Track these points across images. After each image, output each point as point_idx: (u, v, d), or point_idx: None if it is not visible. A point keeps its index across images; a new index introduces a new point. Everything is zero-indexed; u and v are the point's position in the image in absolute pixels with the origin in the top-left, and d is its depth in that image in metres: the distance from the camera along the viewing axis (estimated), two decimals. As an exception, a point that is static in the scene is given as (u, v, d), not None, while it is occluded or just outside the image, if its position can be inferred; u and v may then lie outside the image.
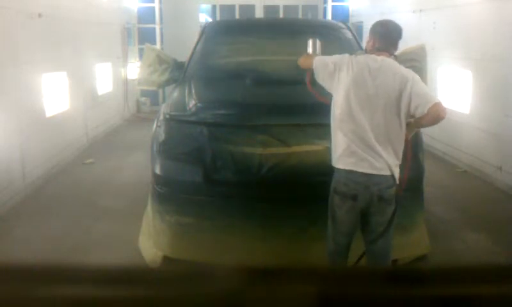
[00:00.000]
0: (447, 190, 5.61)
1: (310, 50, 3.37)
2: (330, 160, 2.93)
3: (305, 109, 3.65)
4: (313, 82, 3.14)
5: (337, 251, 2.93)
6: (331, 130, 2.90)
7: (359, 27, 10.57)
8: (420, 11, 7.74)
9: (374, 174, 2.74)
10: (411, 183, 3.59)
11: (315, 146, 3.42)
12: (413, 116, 2.79)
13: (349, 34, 4.98)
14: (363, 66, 2.82)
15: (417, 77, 2.82)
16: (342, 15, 12.02)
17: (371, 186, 2.75)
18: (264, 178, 3.35)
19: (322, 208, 3.22)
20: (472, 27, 6.19)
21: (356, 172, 2.74)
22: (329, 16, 12.10)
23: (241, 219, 3.39)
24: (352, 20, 11.57)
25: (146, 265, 3.47)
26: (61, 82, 6.62)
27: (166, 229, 3.55)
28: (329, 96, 3.02)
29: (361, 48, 4.81)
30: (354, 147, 2.75)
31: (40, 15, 5.76)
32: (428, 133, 6.31)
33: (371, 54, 2.92)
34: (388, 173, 2.76)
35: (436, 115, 2.71)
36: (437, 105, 2.69)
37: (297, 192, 3.37)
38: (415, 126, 2.90)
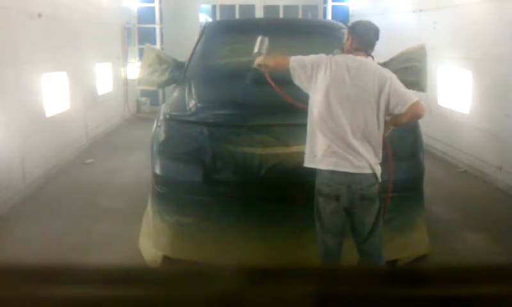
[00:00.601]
0: (447, 190, 5.61)
1: (256, 49, 3.37)
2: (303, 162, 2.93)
3: (305, 108, 3.65)
4: (276, 81, 3.17)
5: (328, 252, 2.93)
6: (308, 131, 2.91)
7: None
8: (420, 11, 7.74)
9: (355, 173, 2.76)
10: (411, 183, 3.60)
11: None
12: (390, 114, 2.82)
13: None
14: (342, 65, 2.84)
15: (395, 76, 2.85)
16: (342, 15, 12.02)
17: (353, 185, 2.77)
18: (263, 178, 3.35)
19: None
20: (472, 27, 6.19)
21: (338, 172, 2.76)
22: (329, 16, 12.09)
23: (241, 219, 3.39)
24: (352, 20, 11.56)
25: (146, 265, 3.48)
26: (61, 82, 6.62)
27: (166, 229, 3.55)
28: (298, 97, 3.05)
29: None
30: (334, 147, 2.76)
31: (39, 15, 5.76)
32: (428, 134, 6.31)
33: (349, 53, 2.94)
34: (369, 171, 2.78)
35: (415, 113, 2.78)
36: (416, 104, 2.74)
37: (297, 192, 3.37)
38: (393, 124, 2.92)
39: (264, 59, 3.26)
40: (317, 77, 2.86)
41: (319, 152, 2.82)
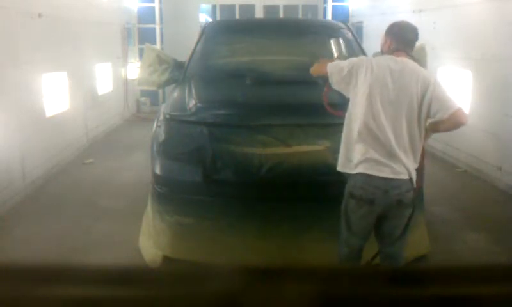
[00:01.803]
0: (447, 190, 5.61)
1: (335, 53, 3.25)
2: (336, 165, 2.85)
3: (305, 108, 3.65)
4: (332, 104, 3.09)
5: (351, 255, 2.86)
6: (345, 135, 2.81)
7: (359, 27, 10.57)
8: (420, 11, 7.74)
9: (393, 179, 2.67)
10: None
11: (315, 146, 3.42)
12: (430, 120, 2.74)
13: (349, 34, 4.98)
14: (384, 67, 2.73)
15: (438, 80, 2.76)
16: (342, 15, 12.02)
17: (390, 190, 2.67)
18: (264, 178, 3.35)
19: (322, 208, 3.22)
20: (472, 27, 6.19)
21: (375, 176, 2.67)
22: (329, 16, 12.09)
23: (241, 219, 3.39)
24: (352, 20, 11.56)
25: (146, 265, 3.47)
26: (61, 82, 6.62)
27: (166, 229, 3.55)
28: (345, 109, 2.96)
29: (361, 48, 4.81)
30: (374, 153, 2.67)
31: (39, 15, 5.76)
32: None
33: (388, 55, 2.84)
34: (407, 177, 2.70)
35: (457, 121, 2.66)
36: (459, 111, 2.64)
37: (297, 192, 3.37)
38: (433, 130, 2.83)
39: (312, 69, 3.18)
40: (357, 80, 2.75)
41: (356, 158, 2.72)
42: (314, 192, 3.34)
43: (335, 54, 3.25)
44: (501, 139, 5.63)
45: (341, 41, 3.27)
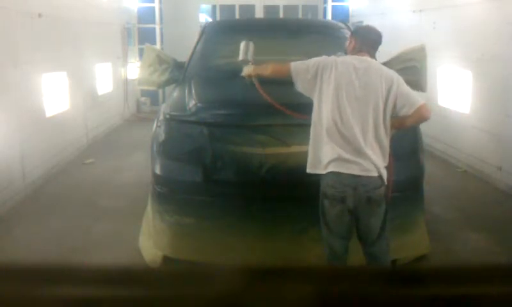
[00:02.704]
0: (447, 190, 5.61)
1: (241, 56, 3.31)
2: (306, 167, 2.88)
3: (305, 108, 3.65)
4: (285, 104, 3.14)
5: (334, 255, 2.89)
6: (313, 136, 2.85)
7: (359, 27, 10.54)
8: (420, 11, 7.74)
9: (361, 176, 2.72)
10: (411, 183, 3.60)
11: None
12: (394, 116, 2.79)
13: (349, 34, 4.98)
14: (349, 65, 2.79)
15: (400, 77, 2.82)
16: (342, 15, 12.02)
17: (359, 187, 2.73)
18: (264, 178, 3.35)
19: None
20: (472, 27, 6.19)
21: (344, 174, 2.72)
22: (329, 16, 12.10)
23: (241, 219, 3.39)
24: (352, 20, 11.56)
25: (146, 265, 3.47)
26: (61, 82, 6.62)
27: (166, 229, 3.55)
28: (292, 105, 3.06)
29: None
30: (342, 152, 2.71)
31: (39, 15, 5.76)
32: (428, 134, 6.30)
33: (352, 55, 2.90)
34: (375, 174, 2.74)
35: (421, 116, 2.75)
36: (423, 106, 2.72)
37: (297, 192, 3.37)
38: (397, 126, 2.88)
39: (258, 69, 3.21)
40: (322, 79, 2.80)
41: (325, 158, 2.76)
42: (314, 191, 3.34)
43: (241, 57, 3.34)
44: (501, 139, 5.63)
45: (250, 45, 3.32)
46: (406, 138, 3.57)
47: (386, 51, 4.20)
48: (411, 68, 4.15)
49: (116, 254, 3.87)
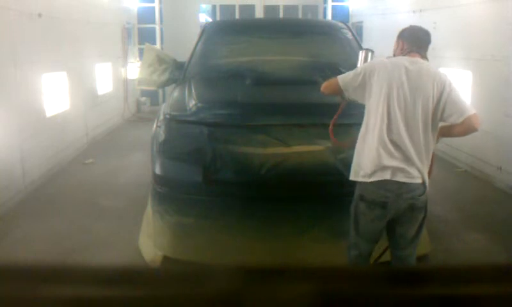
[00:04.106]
0: (447, 190, 5.60)
1: (359, 64, 3.12)
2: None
3: (305, 108, 3.65)
4: (336, 132, 3.05)
5: (359, 258, 2.79)
6: (362, 144, 2.71)
7: (359, 27, 10.57)
8: (420, 11, 7.74)
9: (407, 183, 2.61)
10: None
11: (315, 146, 3.41)
12: (442, 122, 2.67)
13: (349, 34, 4.98)
14: (399, 65, 2.65)
15: (453, 83, 2.68)
16: (342, 15, 12.02)
17: (403, 194, 2.61)
18: (264, 178, 3.34)
19: (322, 208, 3.21)
20: (472, 27, 6.19)
21: (389, 180, 2.61)
22: (329, 16, 12.10)
23: (241, 219, 3.39)
24: (352, 20, 11.57)
25: (146, 265, 3.48)
26: (61, 82, 6.62)
27: (166, 229, 3.55)
28: (348, 140, 2.95)
29: (361, 48, 4.81)
30: (390, 159, 2.60)
31: (39, 15, 5.76)
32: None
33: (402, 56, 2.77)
34: (420, 181, 2.64)
35: (470, 126, 2.59)
36: (473, 116, 2.58)
37: (297, 192, 3.37)
38: (444, 134, 2.77)
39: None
40: (371, 82, 2.67)
41: (371, 164, 2.63)
42: (314, 192, 3.34)
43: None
44: (501, 139, 5.62)
45: (369, 54, 3.14)
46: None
47: (386, 51, 4.20)
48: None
49: (116, 254, 3.87)
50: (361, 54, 3.18)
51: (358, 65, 3.11)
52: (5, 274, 0.57)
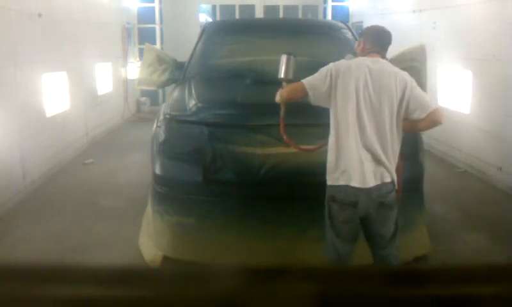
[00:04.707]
0: (447, 190, 5.61)
1: (282, 74, 3.09)
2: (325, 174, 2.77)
3: (305, 108, 3.65)
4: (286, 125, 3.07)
5: (339, 259, 2.81)
6: (332, 146, 2.73)
7: (359, 27, 10.56)
8: (420, 11, 7.74)
9: (377, 183, 2.66)
10: (411, 183, 3.60)
11: (315, 146, 3.41)
12: (406, 119, 2.72)
13: (349, 34, 4.98)
14: (363, 66, 2.69)
15: (413, 80, 2.74)
16: (342, 15, 12.02)
17: (372, 193, 2.66)
18: (263, 178, 3.35)
19: (322, 208, 3.20)
20: (472, 27, 6.19)
21: (359, 184, 2.65)
22: (329, 16, 12.10)
23: (241, 219, 3.39)
24: (352, 20, 11.57)
25: (146, 265, 3.48)
26: (61, 82, 6.62)
27: (166, 229, 3.55)
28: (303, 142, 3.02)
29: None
30: (362, 162, 2.63)
31: (39, 15, 5.76)
32: (428, 133, 6.30)
33: (362, 56, 2.81)
34: (389, 179, 2.68)
35: (434, 120, 2.67)
36: (436, 111, 2.65)
37: (297, 192, 3.37)
38: (408, 129, 2.81)
39: (278, 96, 3.04)
40: (337, 84, 2.68)
41: (342, 167, 2.66)
42: (314, 192, 3.34)
43: (281, 74, 3.12)
44: (501, 139, 5.63)
45: (291, 60, 3.13)
46: (406, 138, 3.56)
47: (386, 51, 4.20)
48: (411, 68, 4.14)
49: (116, 254, 3.87)
50: (283, 58, 3.14)
51: (280, 69, 3.11)
52: (5, 274, 0.57)
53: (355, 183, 2.65)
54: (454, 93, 6.77)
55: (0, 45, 4.93)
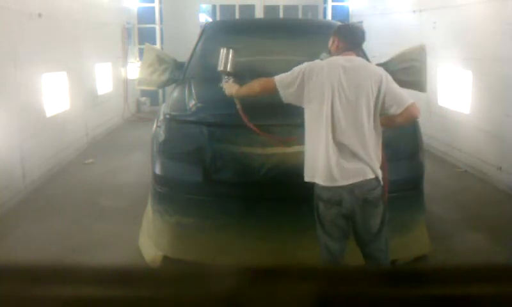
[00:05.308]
0: (447, 190, 5.61)
1: (221, 66, 3.17)
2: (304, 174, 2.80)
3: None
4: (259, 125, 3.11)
5: (331, 257, 2.83)
6: (308, 145, 2.77)
7: (359, 27, 10.55)
8: (420, 11, 7.74)
9: (359, 180, 2.68)
10: (411, 183, 3.60)
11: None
12: (382, 114, 2.74)
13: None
14: (336, 65, 2.71)
15: (389, 75, 2.76)
16: (342, 15, 12.02)
17: (355, 190, 2.68)
18: (264, 178, 3.35)
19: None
20: (472, 27, 6.19)
21: (341, 183, 2.68)
22: (329, 16, 12.10)
23: (241, 219, 3.39)
24: (352, 20, 11.56)
25: (146, 265, 3.48)
26: (61, 82, 6.62)
27: (166, 229, 3.55)
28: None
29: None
30: (337, 159, 2.66)
31: (39, 15, 5.76)
32: (428, 134, 6.30)
33: (336, 55, 2.83)
34: (371, 176, 2.69)
35: (411, 115, 2.70)
36: (412, 106, 2.66)
37: (297, 192, 3.36)
38: (386, 124, 2.82)
39: (243, 89, 3.11)
40: (309, 85, 2.71)
41: (321, 166, 2.69)
42: (313, 192, 3.34)
43: (220, 67, 3.23)
44: (501, 139, 5.63)
45: (230, 53, 3.23)
46: (406, 138, 3.57)
47: (386, 51, 4.21)
48: (411, 68, 4.15)
49: (116, 254, 3.87)
50: (222, 52, 3.20)
51: (220, 62, 3.22)
52: (5, 274, 0.57)
53: (320, 180, 2.69)
54: (454, 93, 6.77)
55: (0, 45, 4.93)
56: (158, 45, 11.13)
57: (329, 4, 12.22)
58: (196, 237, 3.46)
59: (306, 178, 2.81)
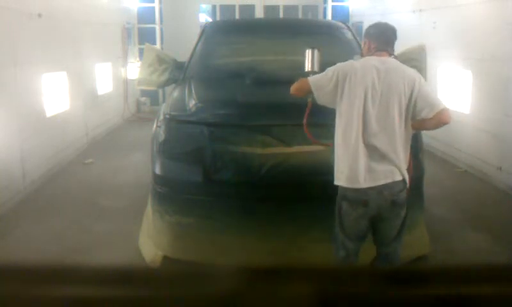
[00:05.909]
0: (447, 190, 5.60)
1: (308, 66, 3.13)
2: (333, 176, 2.76)
3: (305, 108, 3.64)
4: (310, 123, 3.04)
5: (348, 257, 2.81)
6: (339, 147, 2.73)
7: (359, 27, 10.56)
8: (420, 11, 7.74)
9: (387, 182, 2.66)
10: (411, 183, 3.59)
11: (315, 146, 3.41)
12: (413, 118, 2.71)
13: (349, 34, 4.98)
14: (369, 67, 2.68)
15: (422, 78, 2.75)
16: (342, 15, 12.02)
17: (384, 191, 2.66)
18: (263, 178, 3.34)
19: (323, 208, 3.21)
20: (472, 27, 6.19)
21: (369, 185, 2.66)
22: (329, 16, 12.10)
23: (241, 219, 3.39)
24: (352, 20, 11.56)
25: (146, 265, 3.48)
26: (61, 82, 6.62)
27: (166, 229, 3.55)
28: (323, 139, 3.01)
29: (361, 48, 4.81)
30: (368, 161, 2.64)
31: (39, 15, 5.76)
32: (428, 133, 6.30)
33: (369, 56, 2.80)
34: (399, 178, 2.68)
35: (442, 120, 2.65)
36: (444, 111, 2.63)
37: (298, 192, 3.37)
38: (416, 128, 2.81)
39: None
40: (343, 87, 2.68)
41: (351, 168, 2.66)
42: (314, 192, 3.34)
43: (308, 68, 3.15)
44: (501, 139, 5.62)
45: (316, 53, 3.16)
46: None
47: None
48: (411, 67, 4.14)
49: (116, 254, 3.87)
50: (308, 53, 3.18)
51: (306, 64, 3.16)
52: (5, 274, 0.57)
53: (349, 181, 2.67)
54: (454, 93, 6.77)
55: (0, 45, 4.93)
56: (158, 45, 11.13)
57: (329, 4, 12.21)
58: (196, 237, 3.46)
59: (336, 181, 2.75)
